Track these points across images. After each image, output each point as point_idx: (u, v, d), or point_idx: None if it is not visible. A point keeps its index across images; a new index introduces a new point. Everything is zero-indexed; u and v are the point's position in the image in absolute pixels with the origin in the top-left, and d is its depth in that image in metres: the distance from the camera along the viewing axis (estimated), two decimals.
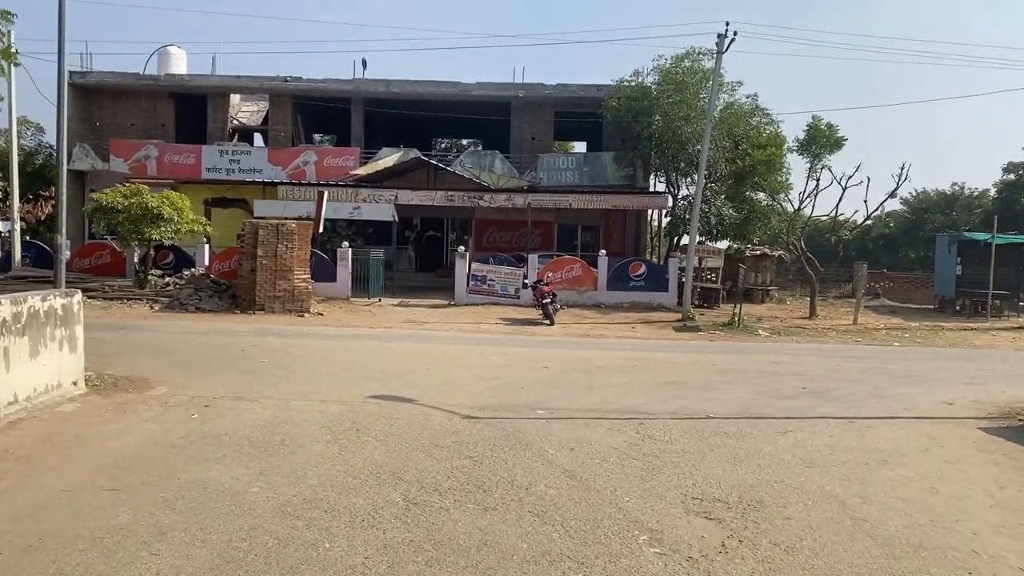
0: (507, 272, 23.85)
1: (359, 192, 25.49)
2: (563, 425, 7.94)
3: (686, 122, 26.62)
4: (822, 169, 24.43)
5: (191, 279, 22.43)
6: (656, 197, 26.47)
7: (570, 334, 18.68)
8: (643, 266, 24.36)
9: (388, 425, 7.65)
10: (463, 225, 31.54)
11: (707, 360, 13.92)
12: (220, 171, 29.72)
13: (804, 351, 16.56)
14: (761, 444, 7.41)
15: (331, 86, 30.31)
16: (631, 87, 28.39)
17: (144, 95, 31.41)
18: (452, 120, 35.36)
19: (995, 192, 43.01)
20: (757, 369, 12.82)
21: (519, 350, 14.68)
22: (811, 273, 24.75)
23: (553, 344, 16.18)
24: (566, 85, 30.40)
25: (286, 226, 21.12)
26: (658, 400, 9.48)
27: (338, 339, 15.55)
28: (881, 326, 22.97)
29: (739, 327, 20.49)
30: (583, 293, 23.93)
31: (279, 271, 20.90)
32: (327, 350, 13.54)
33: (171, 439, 6.91)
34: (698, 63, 27.49)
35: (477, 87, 30.19)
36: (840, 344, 18.69)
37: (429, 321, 20.16)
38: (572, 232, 31.37)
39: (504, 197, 25.38)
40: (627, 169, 29.82)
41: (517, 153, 31.01)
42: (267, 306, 20.72)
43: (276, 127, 31.31)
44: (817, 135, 24.45)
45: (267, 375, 10.49)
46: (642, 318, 22.09)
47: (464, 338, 16.80)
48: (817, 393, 10.41)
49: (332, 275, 23.63)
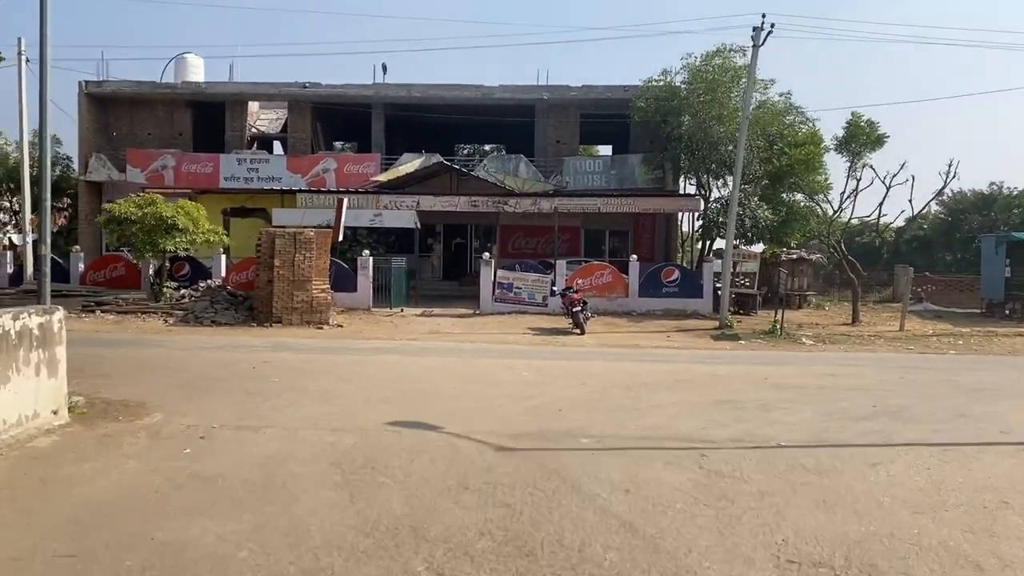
0: (534, 279, 22.78)
1: (380, 199, 24.55)
2: (613, 458, 6.83)
3: (718, 121, 25.45)
4: (863, 168, 23.16)
5: (207, 291, 21.57)
6: (688, 199, 25.29)
7: (603, 344, 17.56)
8: (676, 272, 23.18)
9: (409, 461, 6.58)
10: (487, 232, 30.51)
11: (757, 373, 12.74)
12: (238, 180, 28.95)
13: (858, 361, 15.31)
14: (851, 481, 6.25)
15: (351, 92, 29.44)
16: (659, 87, 27.27)
17: (161, 104, 30.73)
18: (475, 125, 34.44)
19: None
20: (814, 384, 11.62)
21: (551, 364, 13.58)
22: (853, 277, 23.46)
23: (587, 356, 15.07)
24: (592, 86, 29.31)
25: (304, 234, 20.20)
26: (716, 424, 8.34)
27: (357, 354, 14.54)
28: (930, 332, 21.62)
29: (781, 335, 19.27)
30: (614, 300, 22.80)
31: (297, 281, 19.97)
32: (344, 367, 12.53)
33: (154, 482, 5.88)
34: (729, 60, 26.32)
35: (500, 90, 29.19)
36: (892, 353, 17.42)
37: (454, 332, 19.13)
38: (599, 237, 30.23)
39: (530, 201, 24.34)
40: (656, 172, 28.67)
41: (542, 157, 29.96)
42: (285, 318, 19.80)
43: (295, 135, 30.50)
44: (857, 132, 23.18)
45: (276, 397, 9.48)
46: (677, 326, 20.91)
47: (492, 351, 15.73)
48: (892, 413, 9.22)
49: (352, 285, 22.69)
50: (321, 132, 31.38)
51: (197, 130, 31.34)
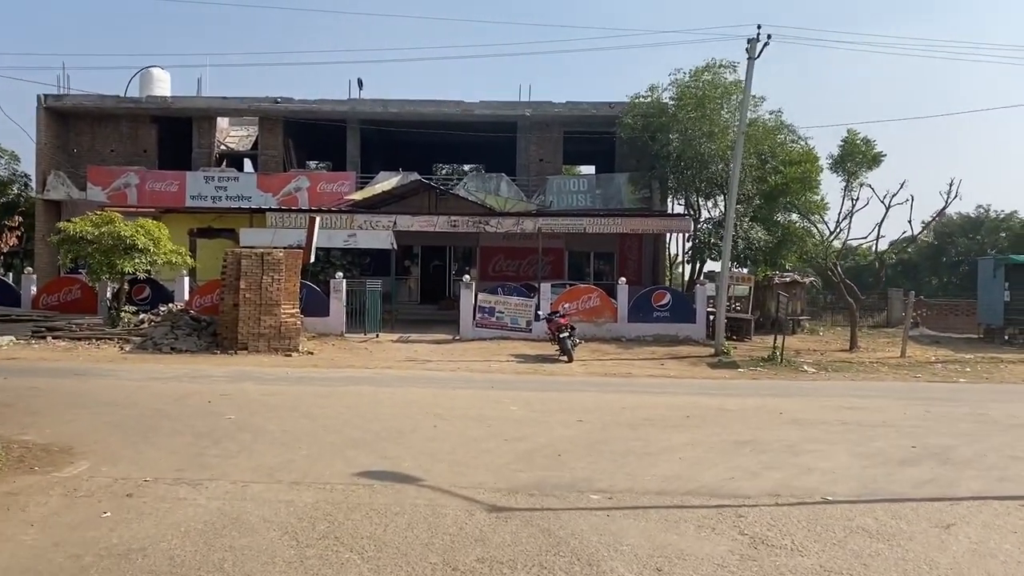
0: (517, 303, 21.56)
1: (354, 218, 23.28)
2: (632, 521, 5.58)
3: (708, 139, 24.53)
4: (860, 187, 22.27)
5: (168, 316, 20.12)
6: (678, 219, 24.25)
7: (593, 373, 16.36)
8: (667, 295, 22.05)
9: (381, 528, 5.30)
10: (467, 254, 29.32)
11: (769, 407, 11.57)
12: (206, 199, 27.58)
13: (870, 392, 14.20)
14: (927, 551, 5.06)
15: (324, 107, 28.24)
16: (647, 103, 26.36)
17: (125, 119, 29.34)
18: (454, 143, 33.33)
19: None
20: (836, 420, 10.47)
21: (541, 396, 12.33)
22: (851, 301, 22.46)
23: (578, 387, 13.84)
24: (576, 103, 28.34)
25: (272, 255, 18.88)
26: (744, 472, 7.13)
27: (327, 384, 13.21)
28: (932, 359, 20.63)
29: (782, 363, 18.16)
30: (601, 325, 21.61)
31: (264, 305, 18.62)
32: (311, 401, 11.21)
33: (53, 563, 4.57)
34: (719, 76, 25.47)
35: (481, 106, 28.13)
36: (900, 382, 16.37)
37: (432, 359, 17.85)
38: (584, 260, 29.14)
39: (512, 221, 23.16)
40: (643, 191, 27.68)
41: (524, 176, 28.90)
42: (251, 345, 18.42)
43: (266, 152, 29.21)
44: (853, 150, 22.32)
45: (228, 440, 8.15)
46: (669, 353, 19.76)
47: (474, 380, 14.46)
48: (938, 456, 8.06)
49: (325, 309, 21.34)
50: (294, 150, 30.12)
51: (163, 147, 29.96)
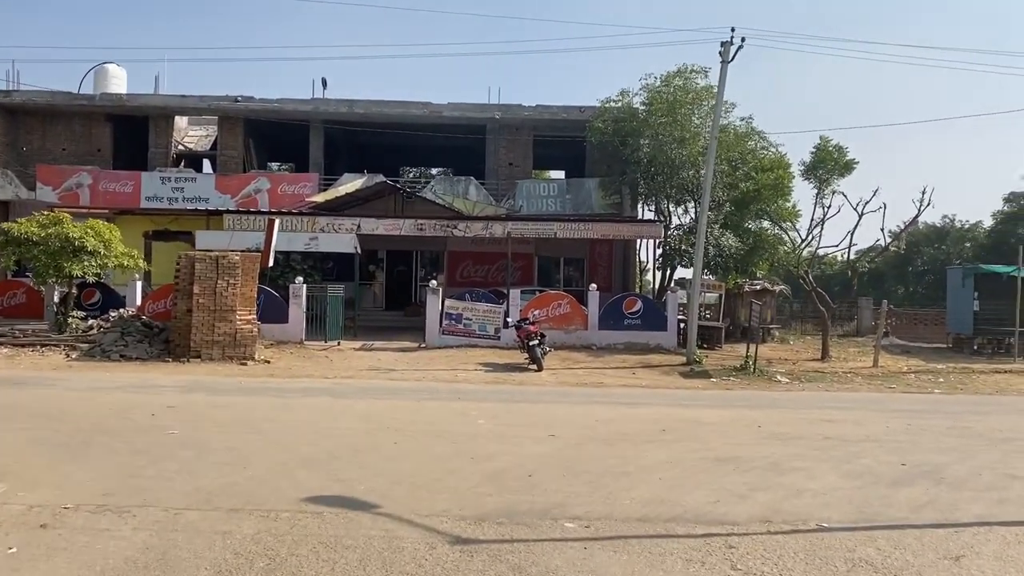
0: (485, 310, 20.95)
1: (316, 221, 22.50)
2: (613, 555, 5.00)
3: (679, 144, 24.15)
4: (833, 194, 22.04)
5: (118, 321, 19.20)
6: (649, 225, 23.82)
7: (564, 383, 15.80)
8: (639, 302, 21.58)
9: (329, 566, 4.65)
10: (434, 259, 28.65)
11: (745, 419, 11.09)
12: (162, 200, 26.60)
13: (846, 404, 13.81)
14: None
15: (287, 107, 27.41)
16: (617, 108, 25.93)
17: (78, 117, 28.24)
18: (422, 146, 32.66)
19: (993, 223, 41.04)
20: (817, 434, 10.00)
21: (510, 408, 11.73)
22: (823, 310, 22.18)
23: (549, 398, 13.25)
24: (547, 106, 27.85)
25: (228, 259, 18.08)
26: (730, 494, 6.58)
27: (282, 395, 12.48)
28: (904, 369, 20.39)
29: (755, 373, 17.76)
30: (572, 333, 21.08)
31: (219, 311, 17.81)
32: (264, 413, 10.49)
33: None
34: (691, 82, 25.14)
35: (449, 108, 27.51)
36: (875, 392, 16.04)
37: (397, 368, 17.16)
38: (553, 266, 28.62)
39: (481, 225, 22.56)
40: (614, 197, 27.24)
41: (493, 180, 28.31)
42: (204, 352, 17.60)
43: (225, 152, 28.28)
44: (825, 158, 22.10)
45: (168, 458, 7.43)
46: (641, 361, 19.28)
47: (440, 391, 13.82)
48: (929, 474, 7.60)
49: (284, 315, 20.53)
50: (254, 150, 29.23)
51: (118, 146, 28.89)
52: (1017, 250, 35.42)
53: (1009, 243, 39.57)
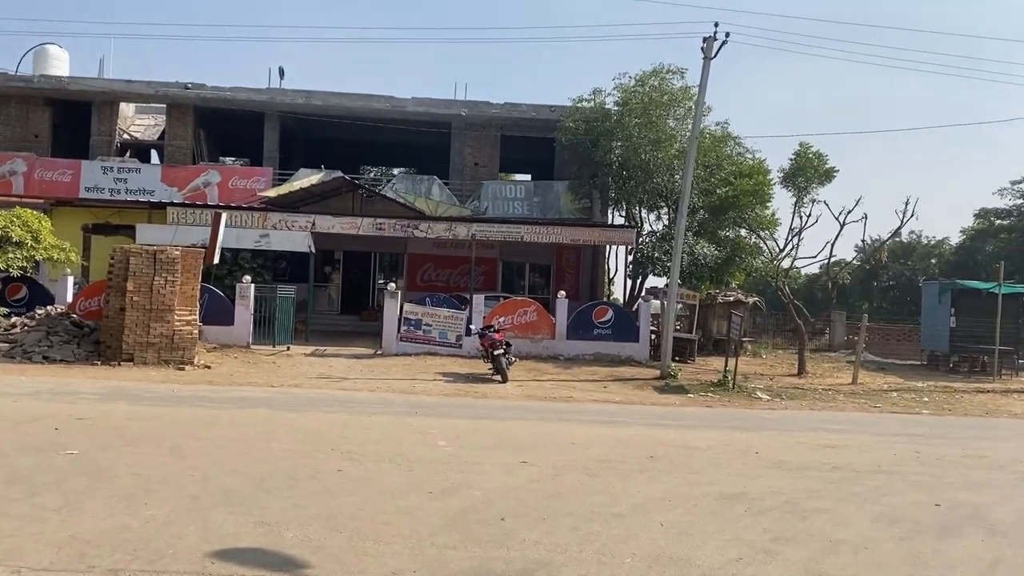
0: (447, 315, 19.58)
1: (268, 217, 20.95)
2: None
3: (654, 147, 23.08)
4: (813, 203, 21.12)
5: (44, 320, 17.44)
6: (621, 231, 22.65)
7: (531, 396, 14.52)
8: (610, 311, 20.36)
9: None
10: (394, 262, 27.21)
11: (739, 444, 9.91)
12: (103, 191, 24.81)
13: (840, 425, 12.72)
14: None
15: (240, 96, 25.79)
16: (590, 108, 24.81)
17: (14, 100, 26.28)
18: (383, 143, 31.26)
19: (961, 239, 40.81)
20: (822, 461, 8.85)
21: (474, 426, 10.40)
22: (800, 324, 21.23)
23: (516, 414, 11.95)
24: (515, 104, 26.62)
25: (166, 253, 16.48)
26: (752, 548, 5.32)
27: (216, 406, 11.00)
28: (884, 386, 19.50)
29: (733, 388, 16.66)
30: (538, 342, 19.81)
31: (155, 311, 16.21)
32: (189, 429, 9.02)
33: None
34: (667, 82, 24.12)
35: (413, 103, 26.13)
36: (862, 412, 15.04)
37: (349, 377, 15.73)
38: (519, 271, 27.35)
39: (444, 227, 21.20)
40: (583, 201, 26.09)
41: (458, 180, 26.98)
42: (137, 356, 15.99)
43: (173, 142, 26.54)
44: (805, 165, 21.16)
45: (52, 488, 5.97)
46: (612, 374, 18.08)
47: (396, 403, 12.45)
48: (973, 518, 6.46)
49: (229, 317, 18.96)
50: (205, 142, 27.52)
51: (57, 133, 27.01)
52: (984, 267, 35.04)
53: (975, 259, 39.41)
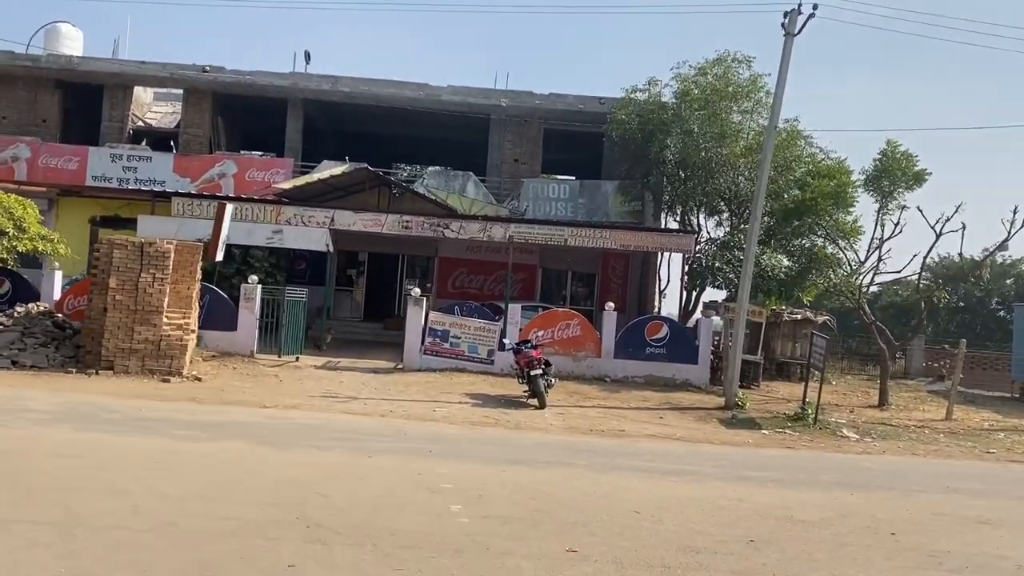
0: (478, 327, 17.17)
1: (281, 211, 18.74)
2: None
3: (718, 143, 20.49)
4: (903, 210, 18.37)
5: (22, 318, 15.36)
6: (679, 236, 19.99)
7: (573, 428, 12.05)
8: (665, 327, 17.75)
9: None
10: (424, 265, 24.89)
11: (858, 513, 7.34)
12: (111, 180, 22.86)
13: (970, 482, 10.05)
14: None
15: (262, 80, 23.70)
16: (644, 100, 22.27)
17: (22, 82, 24.50)
18: (415, 137, 29.06)
19: None
20: (995, 553, 6.25)
21: (504, 477, 7.93)
22: (883, 347, 18.44)
23: (557, 455, 9.46)
24: (560, 95, 24.18)
25: (155, 247, 14.30)
26: None
27: (182, 437, 8.69)
28: (982, 424, 16.66)
29: (815, 425, 13.99)
30: (581, 360, 17.31)
31: (140, 312, 14.04)
32: (125, 470, 6.71)
33: None
34: (732, 71, 21.51)
35: (449, 91, 23.83)
36: (977, 460, 12.39)
37: (360, 396, 13.40)
38: (560, 280, 24.84)
39: (478, 226, 18.80)
40: (634, 203, 23.52)
41: (496, 177, 24.60)
42: (118, 363, 13.84)
43: (189, 130, 24.55)
44: (891, 166, 18.39)
45: None
46: (667, 400, 15.50)
47: (408, 436, 10.06)
48: None
49: (232, 321, 16.76)
50: (224, 131, 25.47)
51: (68, 118, 25.18)
52: None
53: None
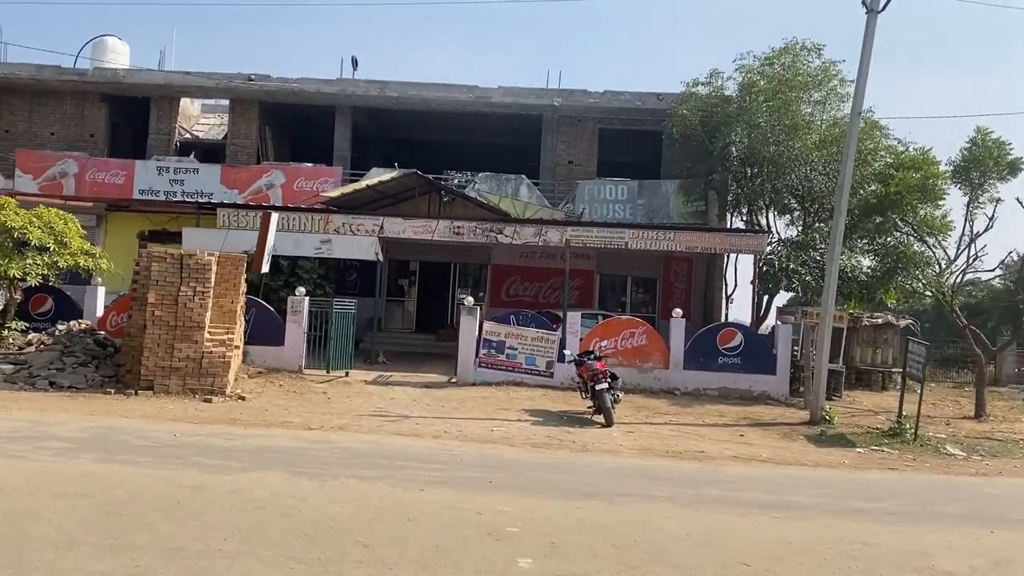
0: (535, 337, 16.08)
1: (329, 219, 17.97)
2: None
3: (788, 136, 19.12)
4: (998, 203, 16.81)
5: (62, 337, 14.81)
6: (749, 237, 18.63)
7: (647, 450, 10.87)
8: (738, 335, 16.42)
9: None
10: (476, 275, 23.91)
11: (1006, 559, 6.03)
12: (158, 193, 22.44)
13: None
14: None
15: (309, 87, 23.06)
16: (706, 94, 20.98)
17: (69, 97, 24.30)
18: (465, 145, 28.21)
19: None
20: None
21: (578, 515, 6.82)
22: (979, 353, 16.86)
23: (635, 486, 8.32)
24: (616, 93, 23.01)
25: (196, 259, 13.58)
26: None
27: (215, 468, 7.80)
28: None
29: (916, 441, 12.56)
30: (647, 372, 16.10)
31: (181, 328, 13.31)
32: (139, 513, 5.80)
33: None
34: (800, 60, 20.10)
35: (500, 92, 22.87)
36: None
37: (412, 414, 12.43)
38: (618, 286, 23.63)
39: (533, 230, 17.76)
40: (697, 204, 22.21)
41: (549, 180, 23.54)
42: (158, 383, 13.11)
43: (236, 141, 24.03)
44: (982, 156, 16.85)
45: None
46: (745, 415, 14.21)
47: (463, 462, 9.02)
48: None
49: (279, 336, 15.97)
50: (272, 141, 24.96)
51: (115, 132, 24.93)
52: None
53: None
